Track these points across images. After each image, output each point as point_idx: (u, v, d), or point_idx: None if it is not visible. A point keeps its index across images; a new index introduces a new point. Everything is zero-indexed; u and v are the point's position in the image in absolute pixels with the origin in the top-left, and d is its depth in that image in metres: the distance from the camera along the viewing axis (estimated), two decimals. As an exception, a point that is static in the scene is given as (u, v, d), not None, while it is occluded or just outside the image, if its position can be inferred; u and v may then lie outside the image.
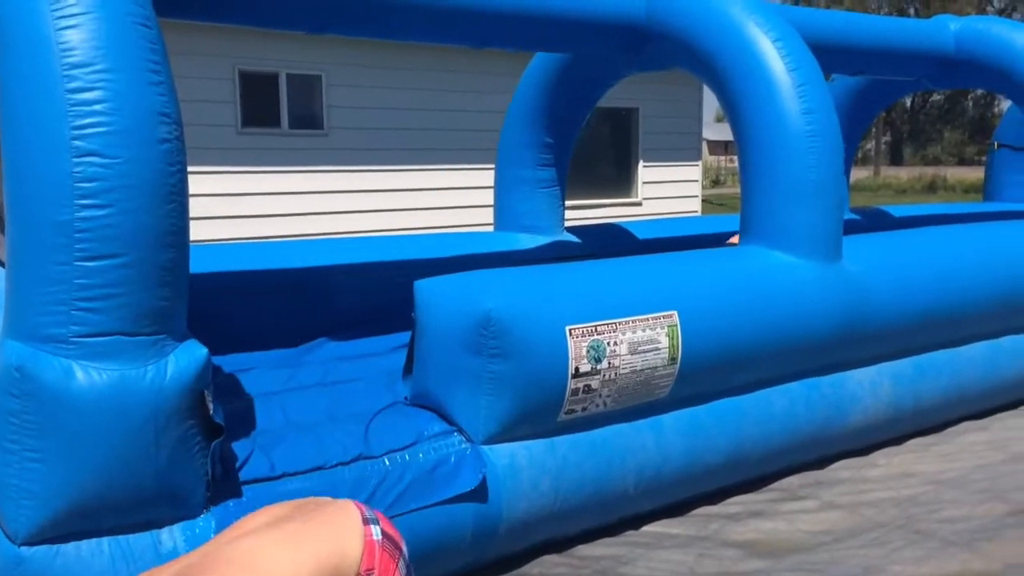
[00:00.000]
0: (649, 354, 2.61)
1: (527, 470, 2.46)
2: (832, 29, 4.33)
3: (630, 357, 2.57)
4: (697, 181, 12.29)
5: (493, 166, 4.95)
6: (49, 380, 1.84)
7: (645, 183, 11.67)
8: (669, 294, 2.71)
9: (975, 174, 24.48)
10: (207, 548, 1.48)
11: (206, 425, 2.02)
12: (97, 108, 1.87)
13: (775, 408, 2.99)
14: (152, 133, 1.93)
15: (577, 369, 2.48)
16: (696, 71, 3.55)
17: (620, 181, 11.58)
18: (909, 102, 46.03)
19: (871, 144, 38.73)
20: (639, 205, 11.57)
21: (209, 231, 7.83)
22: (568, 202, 5.03)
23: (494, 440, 2.45)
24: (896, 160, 47.96)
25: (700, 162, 12.42)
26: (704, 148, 21.73)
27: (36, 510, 1.86)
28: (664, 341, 2.63)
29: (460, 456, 2.37)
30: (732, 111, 3.30)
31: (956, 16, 5.07)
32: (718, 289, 2.85)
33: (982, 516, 2.78)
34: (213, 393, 2.06)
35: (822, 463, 3.25)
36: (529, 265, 2.86)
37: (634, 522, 2.79)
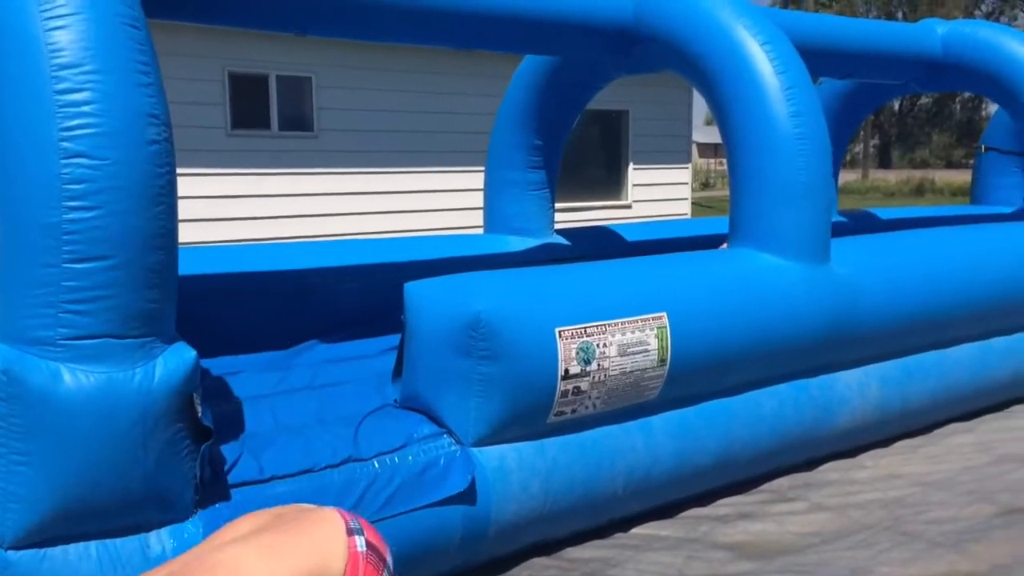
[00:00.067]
0: (638, 356, 2.61)
1: (516, 472, 2.46)
2: (820, 32, 4.35)
3: (619, 359, 2.57)
4: (687, 184, 12.33)
5: (483, 168, 4.95)
6: (36, 383, 1.83)
7: (635, 185, 11.69)
8: (658, 296, 2.72)
9: (963, 177, 24.60)
10: (188, 556, 1.46)
11: (195, 428, 2.01)
12: (85, 109, 1.87)
13: (764, 410, 3.00)
14: (141, 135, 1.93)
15: (567, 371, 2.48)
16: (685, 74, 3.56)
17: (610, 183, 11.59)
18: (897, 105, 46.26)
19: (859, 147, 38.88)
20: (629, 207, 11.59)
21: (198, 233, 7.81)
22: (558, 204, 5.04)
23: (484, 442, 2.45)
24: (884, 163, 48.21)
25: (690, 165, 12.46)
26: (694, 151, 21.78)
27: (23, 514, 1.85)
28: (653, 343, 2.64)
29: (450, 458, 2.37)
30: (721, 114, 3.31)
31: (944, 20, 5.11)
32: (707, 291, 2.86)
33: (969, 517, 2.80)
34: (202, 396, 2.06)
35: (810, 465, 3.27)
36: (519, 267, 2.87)
37: (623, 524, 2.79)
